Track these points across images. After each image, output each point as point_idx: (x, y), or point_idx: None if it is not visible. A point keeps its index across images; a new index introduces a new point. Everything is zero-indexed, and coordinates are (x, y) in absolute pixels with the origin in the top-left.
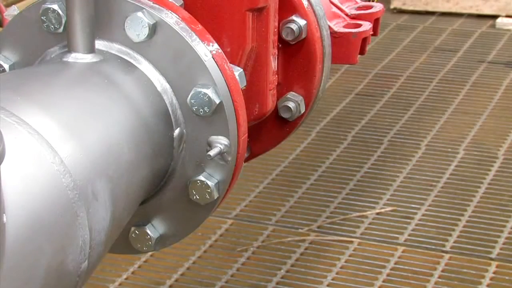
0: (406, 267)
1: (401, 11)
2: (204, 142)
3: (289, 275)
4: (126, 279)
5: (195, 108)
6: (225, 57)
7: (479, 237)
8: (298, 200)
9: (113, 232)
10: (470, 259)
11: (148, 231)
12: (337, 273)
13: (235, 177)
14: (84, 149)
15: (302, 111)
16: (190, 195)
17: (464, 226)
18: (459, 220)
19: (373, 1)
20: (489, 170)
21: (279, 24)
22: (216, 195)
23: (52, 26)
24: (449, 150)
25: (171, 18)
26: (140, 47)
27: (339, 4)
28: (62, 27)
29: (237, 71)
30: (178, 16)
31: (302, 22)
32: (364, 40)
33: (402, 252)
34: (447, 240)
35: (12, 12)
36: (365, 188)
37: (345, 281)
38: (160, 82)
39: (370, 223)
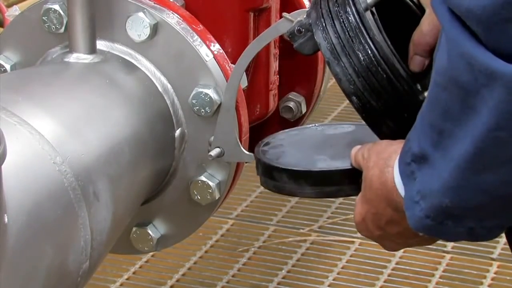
0: (407, 267)
1: None
2: (205, 142)
3: (290, 275)
4: (127, 279)
5: (197, 108)
6: (226, 57)
7: None
8: (299, 200)
9: (115, 232)
10: (471, 259)
11: (150, 231)
12: (338, 273)
13: (236, 177)
14: (86, 149)
15: (304, 111)
16: (192, 195)
17: None
18: None
19: None
20: None
21: None
22: (217, 195)
23: (54, 26)
24: None
25: (172, 19)
26: (141, 47)
27: None
28: (63, 28)
29: None
30: (179, 16)
31: None
32: None
33: (403, 252)
34: None
35: (13, 12)
36: None
37: (346, 281)
38: (161, 82)
39: None
